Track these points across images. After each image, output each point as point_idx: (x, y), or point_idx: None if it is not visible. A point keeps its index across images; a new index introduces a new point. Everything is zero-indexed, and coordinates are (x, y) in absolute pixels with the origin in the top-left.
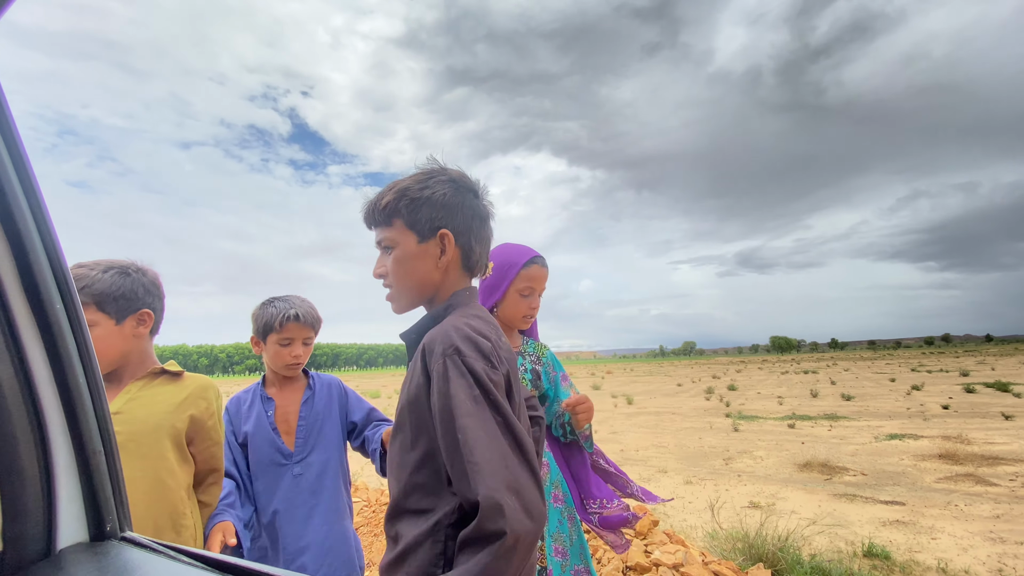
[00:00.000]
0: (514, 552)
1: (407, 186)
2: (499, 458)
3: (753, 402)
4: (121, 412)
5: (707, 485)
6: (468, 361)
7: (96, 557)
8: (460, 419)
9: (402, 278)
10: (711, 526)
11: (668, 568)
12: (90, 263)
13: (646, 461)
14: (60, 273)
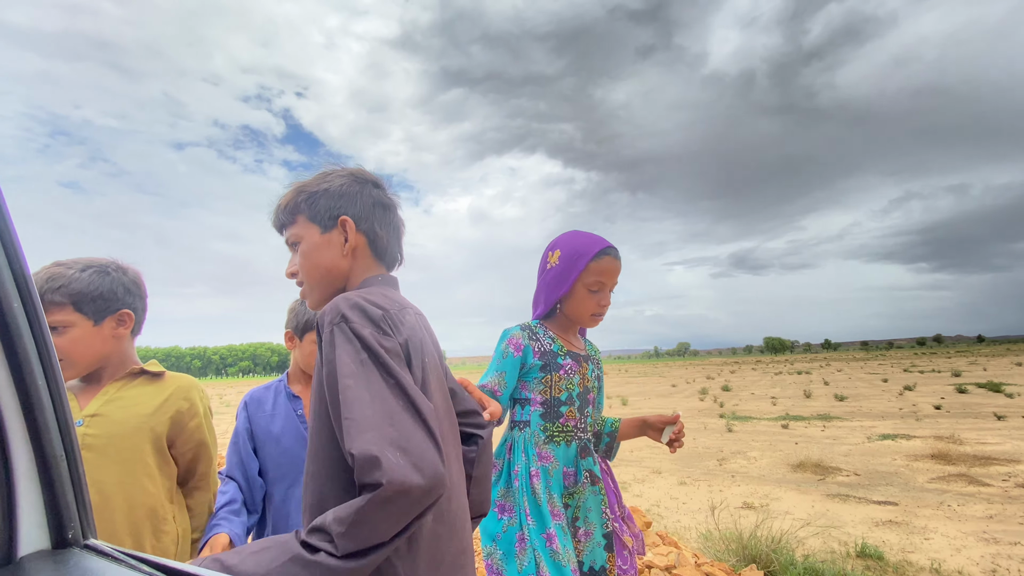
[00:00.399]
0: (392, 503)
1: (306, 183)
2: (382, 415)
3: (747, 403)
4: (99, 414)
5: (701, 486)
6: (355, 327)
7: (57, 565)
8: (342, 380)
9: (311, 270)
10: (705, 527)
11: (660, 570)
12: (68, 262)
13: (640, 462)
14: (19, 272)
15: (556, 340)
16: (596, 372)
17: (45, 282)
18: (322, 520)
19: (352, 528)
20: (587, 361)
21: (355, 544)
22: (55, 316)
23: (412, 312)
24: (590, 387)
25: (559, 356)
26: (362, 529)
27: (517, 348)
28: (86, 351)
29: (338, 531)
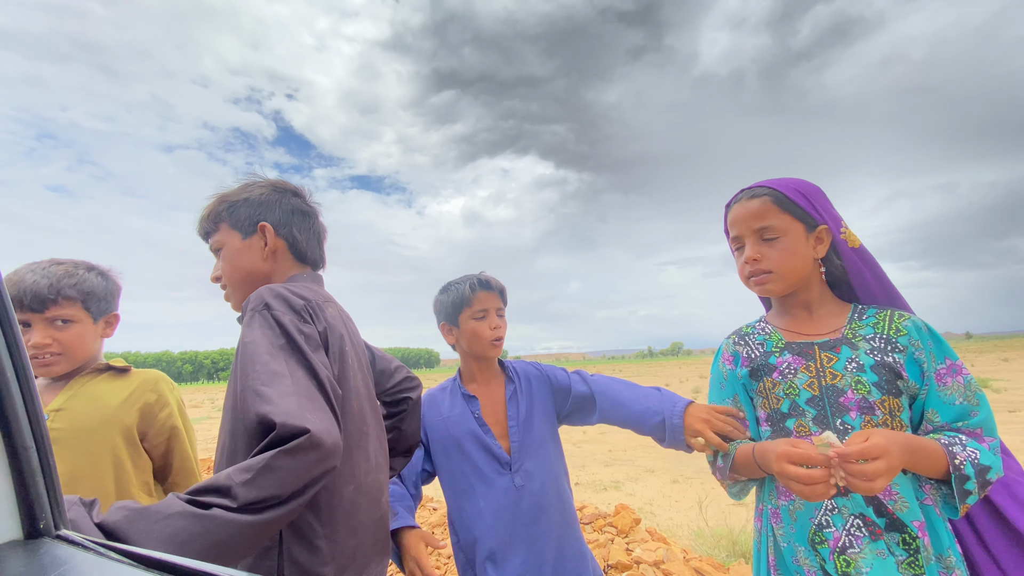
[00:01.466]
0: (303, 453)
1: (227, 193)
2: (296, 388)
3: None
4: (63, 409)
5: (693, 484)
6: (276, 314)
7: (29, 555)
8: (260, 358)
9: (232, 273)
10: (697, 524)
11: (649, 565)
12: (69, 261)
13: (633, 461)
14: None
15: (774, 333)
16: (860, 361)
17: (61, 277)
18: (214, 479)
19: (259, 476)
20: (831, 349)
21: (257, 491)
22: (66, 310)
23: (334, 306)
24: (841, 385)
25: (772, 354)
26: (270, 476)
27: (730, 360)
28: (84, 347)
29: (241, 479)
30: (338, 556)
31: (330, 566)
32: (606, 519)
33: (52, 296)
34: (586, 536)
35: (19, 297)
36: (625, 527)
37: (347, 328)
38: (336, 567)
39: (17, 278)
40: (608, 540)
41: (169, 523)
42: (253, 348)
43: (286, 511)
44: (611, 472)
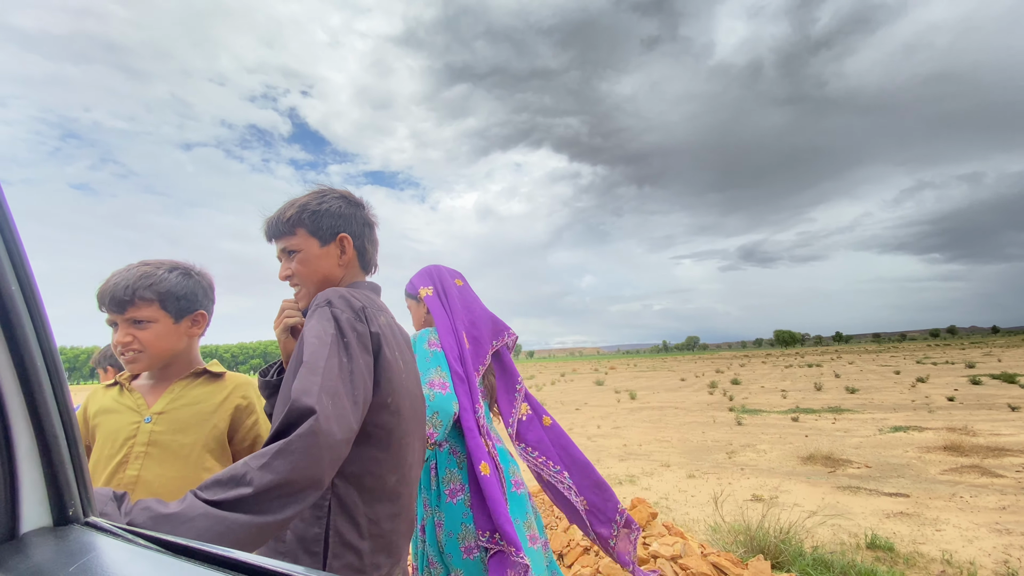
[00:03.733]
0: (314, 437)
1: (306, 202)
2: (328, 373)
3: (756, 396)
4: (165, 412)
5: (710, 479)
6: (335, 311)
7: (59, 541)
8: (310, 341)
9: (309, 275)
10: (713, 519)
11: (666, 560)
12: (155, 262)
13: (649, 455)
14: (19, 263)
15: None
16: None
17: (139, 279)
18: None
19: (273, 459)
20: None
21: (272, 475)
22: (142, 311)
23: (386, 316)
24: None
25: None
26: (283, 460)
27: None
28: (163, 346)
29: (257, 464)
30: (376, 535)
31: (367, 542)
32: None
33: (128, 298)
34: None
35: (102, 299)
36: (642, 521)
37: (395, 336)
38: (373, 544)
39: (106, 280)
40: None
41: (192, 525)
42: (307, 336)
43: (299, 506)
44: (626, 466)
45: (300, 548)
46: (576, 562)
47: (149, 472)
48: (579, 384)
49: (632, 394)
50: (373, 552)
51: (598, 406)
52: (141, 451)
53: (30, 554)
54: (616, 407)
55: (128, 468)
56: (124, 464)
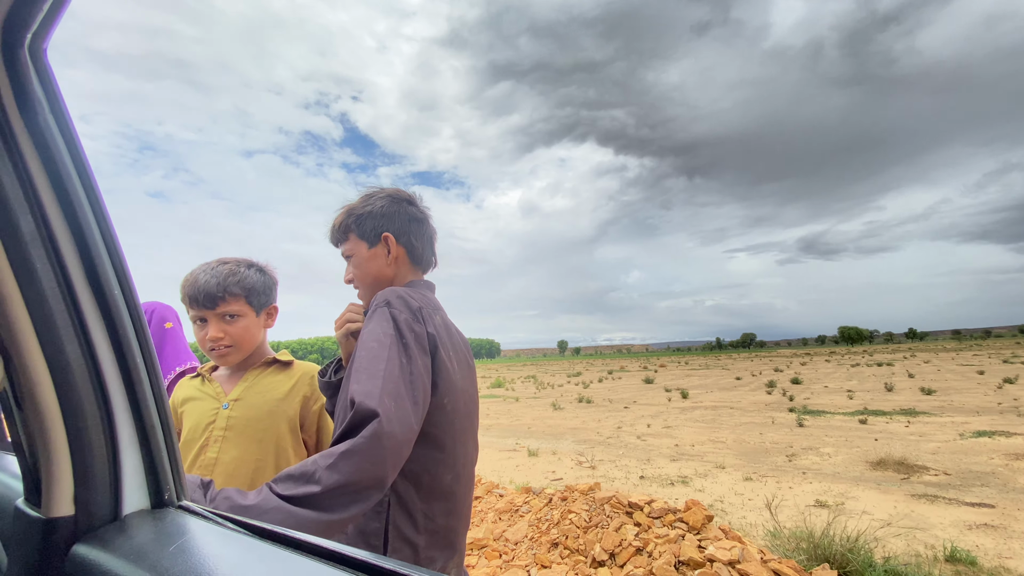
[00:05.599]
0: (378, 440)
1: (354, 206)
2: (388, 376)
3: (819, 396)
4: (240, 399)
5: (768, 482)
6: (393, 311)
7: (157, 523)
8: (368, 342)
9: (363, 278)
10: (772, 524)
11: (723, 564)
12: (233, 260)
13: (702, 456)
14: (119, 265)
15: None
16: None
17: (227, 276)
18: (303, 464)
19: (339, 460)
20: None
21: (338, 476)
22: (232, 306)
23: (441, 315)
24: None
25: None
26: (349, 461)
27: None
28: (250, 338)
29: (325, 463)
30: (431, 530)
31: (423, 536)
32: (676, 515)
33: (220, 294)
34: (655, 531)
35: (194, 296)
36: (696, 523)
37: (450, 335)
38: (428, 539)
39: (192, 278)
40: (678, 536)
41: (267, 518)
42: (367, 336)
43: (363, 505)
44: (678, 467)
45: (361, 540)
46: (628, 562)
47: (226, 455)
48: (628, 382)
49: (684, 393)
50: (428, 546)
51: (648, 405)
52: (219, 435)
53: (132, 535)
54: (667, 406)
55: (208, 451)
56: (205, 447)
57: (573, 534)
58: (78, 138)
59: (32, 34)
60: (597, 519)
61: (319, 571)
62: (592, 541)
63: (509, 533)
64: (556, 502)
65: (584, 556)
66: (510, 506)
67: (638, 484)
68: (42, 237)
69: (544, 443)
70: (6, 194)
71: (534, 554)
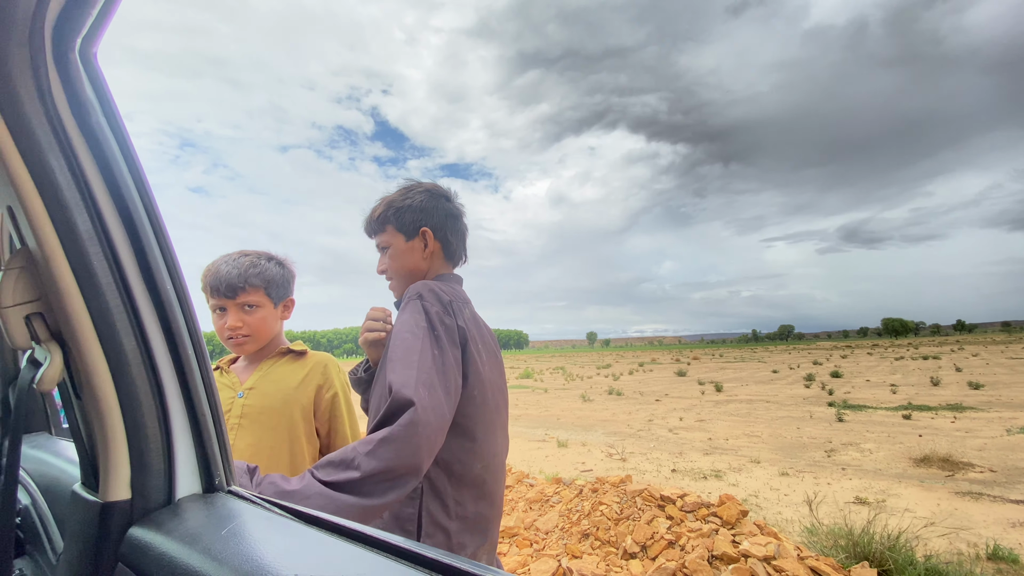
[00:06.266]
0: (415, 427)
1: (393, 199)
2: (421, 366)
3: (861, 390)
4: (254, 388)
5: (805, 478)
6: (425, 304)
7: (207, 507)
8: (402, 333)
9: (398, 269)
10: (809, 520)
11: (758, 560)
12: (253, 253)
13: (736, 451)
14: (170, 260)
15: None
16: None
17: (247, 267)
18: (343, 451)
19: (378, 447)
20: None
21: (377, 462)
22: (252, 296)
23: (470, 308)
24: None
25: None
26: (388, 447)
27: None
28: (267, 328)
29: (364, 450)
30: (462, 516)
31: (455, 522)
32: (709, 509)
33: (241, 284)
34: (687, 525)
35: (216, 286)
36: (731, 518)
37: (479, 328)
38: (460, 524)
39: (214, 268)
40: (712, 530)
41: (310, 503)
42: (400, 327)
43: (400, 491)
44: (711, 461)
45: (396, 526)
46: (660, 555)
47: (241, 441)
48: (659, 374)
49: (718, 386)
50: (460, 532)
51: (680, 398)
52: (235, 423)
53: (185, 518)
54: (700, 399)
55: None
56: None
57: (604, 525)
58: (129, 138)
59: (82, 38)
60: (628, 511)
61: (359, 555)
62: (623, 533)
63: (540, 523)
64: (587, 493)
65: (615, 548)
66: (540, 496)
67: (670, 477)
68: (98, 235)
69: (574, 434)
70: (64, 195)
71: (565, 544)
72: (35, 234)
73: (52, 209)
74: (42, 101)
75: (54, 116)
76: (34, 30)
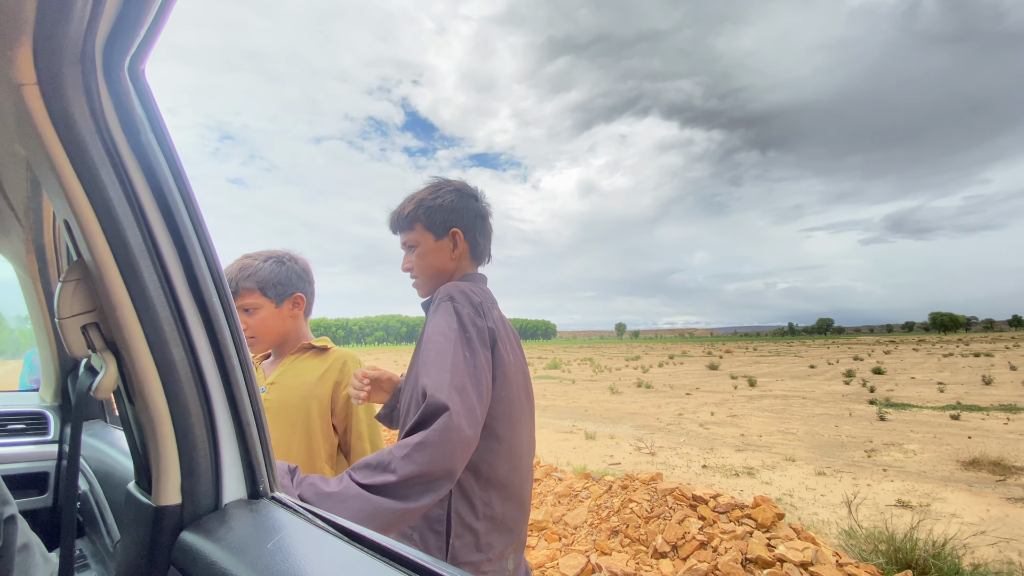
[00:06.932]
0: (450, 433)
1: (423, 197)
2: (454, 369)
3: (905, 388)
4: (275, 383)
5: (844, 478)
6: (457, 306)
7: (252, 513)
8: (435, 335)
9: (424, 269)
10: (848, 523)
11: (795, 565)
12: (254, 254)
13: (770, 448)
14: (215, 272)
15: None
16: None
17: (238, 271)
18: (379, 454)
19: (413, 451)
20: None
21: (413, 466)
22: (247, 300)
23: (498, 309)
24: None
25: None
26: (423, 452)
27: None
28: (271, 329)
29: (400, 454)
30: (490, 516)
31: (483, 523)
32: (743, 510)
33: (234, 289)
34: (720, 527)
35: None
36: (765, 521)
37: (506, 329)
38: (488, 524)
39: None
40: (746, 533)
41: (348, 505)
42: (432, 330)
43: (435, 495)
44: (744, 458)
45: (427, 527)
46: (692, 556)
47: None
48: (690, 367)
49: (751, 380)
50: (488, 532)
51: (711, 392)
52: None
53: (233, 525)
54: (732, 394)
55: None
56: None
57: (634, 523)
58: (176, 153)
59: (131, 56)
60: (659, 510)
61: None
62: (654, 532)
63: (569, 517)
64: (616, 490)
65: (645, 546)
66: (569, 490)
67: (700, 473)
68: (148, 249)
69: (602, 427)
70: (116, 210)
71: (594, 540)
72: (89, 247)
73: (105, 223)
74: (94, 119)
75: (106, 134)
76: (85, 50)
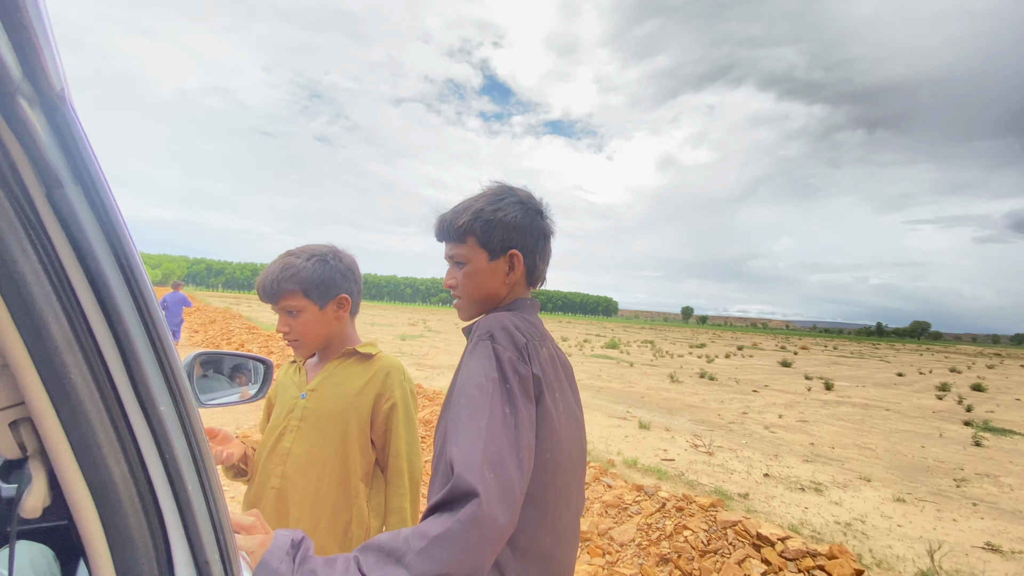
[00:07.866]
0: (479, 525)
1: (481, 208)
2: (490, 433)
3: (1009, 410)
4: (316, 390)
5: (926, 508)
6: (497, 348)
7: None
8: (470, 387)
9: (472, 291)
10: (926, 562)
11: None
12: (296, 251)
13: (843, 462)
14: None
15: None
16: None
17: (280, 271)
18: (393, 538)
19: (432, 545)
20: None
21: (430, 565)
22: (290, 301)
23: (549, 345)
24: None
25: None
26: (444, 548)
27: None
28: (314, 332)
29: (417, 547)
30: None
31: None
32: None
33: (276, 291)
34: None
35: (260, 292)
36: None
37: (555, 372)
38: None
39: (262, 273)
40: None
41: None
42: (468, 375)
43: None
44: (811, 470)
45: None
46: None
47: (298, 446)
48: (760, 361)
49: (828, 383)
50: None
51: (781, 391)
52: (296, 425)
53: None
54: (805, 396)
55: (284, 440)
56: (282, 436)
57: (687, 554)
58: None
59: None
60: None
61: None
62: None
63: (615, 532)
64: (671, 510)
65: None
66: (618, 501)
67: (761, 482)
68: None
69: (657, 417)
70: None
71: (641, 564)
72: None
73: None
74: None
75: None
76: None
